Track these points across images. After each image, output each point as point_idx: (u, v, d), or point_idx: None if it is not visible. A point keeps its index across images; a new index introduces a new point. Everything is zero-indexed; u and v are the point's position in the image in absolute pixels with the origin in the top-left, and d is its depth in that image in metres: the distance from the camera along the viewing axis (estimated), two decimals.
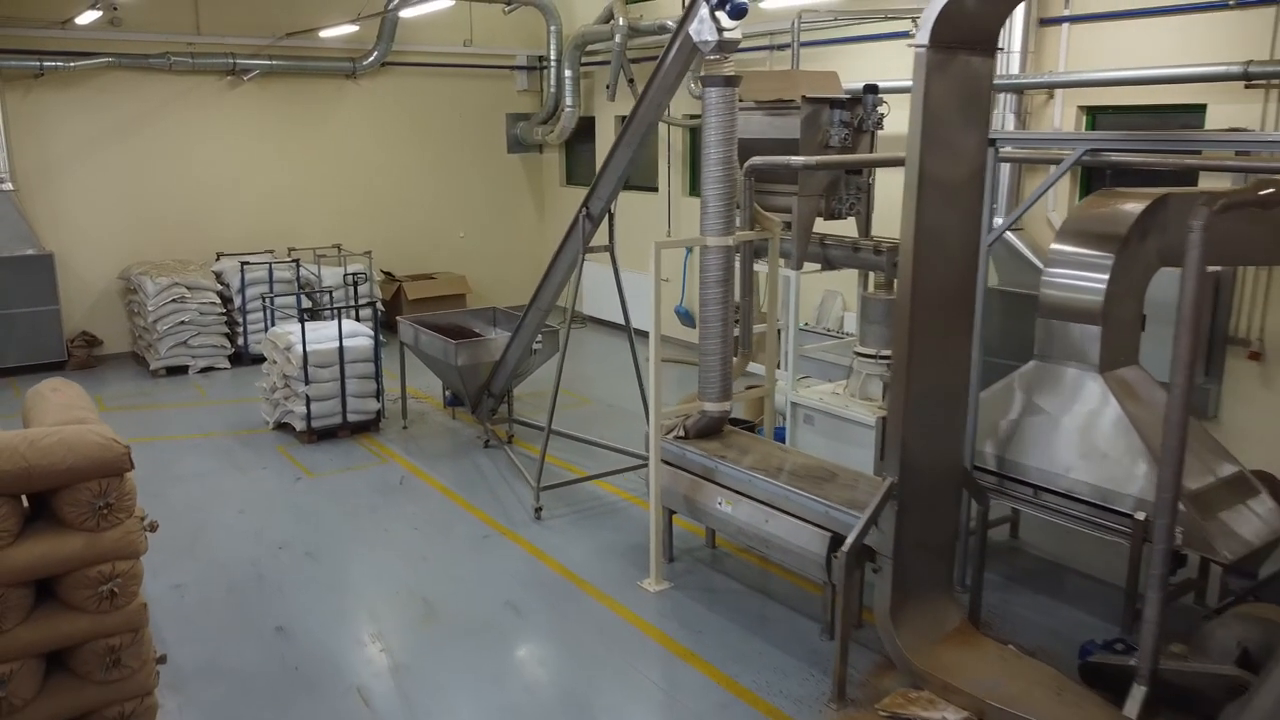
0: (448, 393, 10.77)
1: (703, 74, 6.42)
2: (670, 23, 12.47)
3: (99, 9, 11.62)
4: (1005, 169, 9.08)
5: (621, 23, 13.38)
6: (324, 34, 13.56)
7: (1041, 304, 6.37)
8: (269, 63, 13.90)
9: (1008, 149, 7.14)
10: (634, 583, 6.94)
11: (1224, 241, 6.05)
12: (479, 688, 5.72)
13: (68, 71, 12.63)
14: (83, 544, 4.63)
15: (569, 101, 15.11)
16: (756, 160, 6.95)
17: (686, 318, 13.55)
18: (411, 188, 15.70)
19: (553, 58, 15.34)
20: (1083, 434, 6.10)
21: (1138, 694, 4.67)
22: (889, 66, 10.00)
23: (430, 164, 15.81)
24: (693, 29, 6.41)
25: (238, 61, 13.68)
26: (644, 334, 6.99)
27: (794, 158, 6.68)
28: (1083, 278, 6.15)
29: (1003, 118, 9.17)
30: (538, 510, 8.10)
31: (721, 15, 6.22)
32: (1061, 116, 9.10)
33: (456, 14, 14.81)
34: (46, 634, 4.62)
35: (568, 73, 14.99)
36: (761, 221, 7.03)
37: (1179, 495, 4.55)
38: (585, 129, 15.45)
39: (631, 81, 13.62)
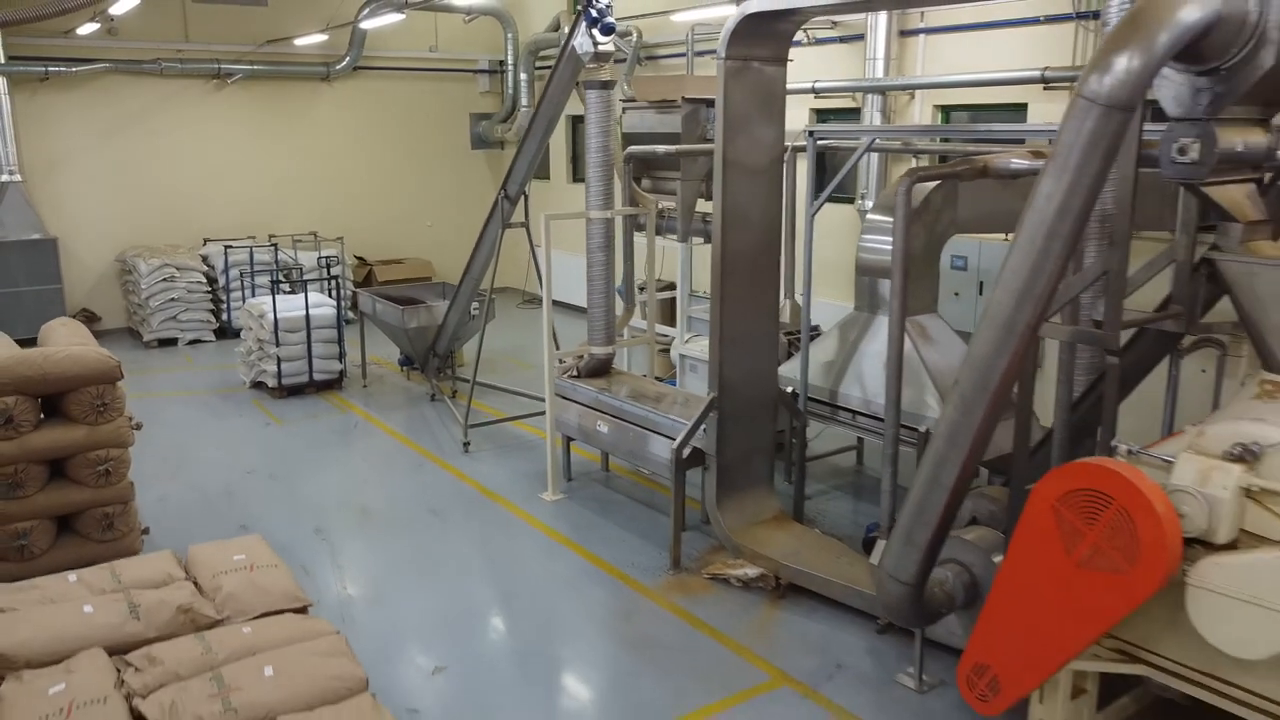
0: (402, 356, 12.30)
1: (583, 79, 7.96)
2: None
3: (98, 21, 13.17)
4: (875, 158, 10.61)
5: (567, 31, 14.88)
6: (299, 42, 15.09)
7: (857, 264, 7.89)
8: (250, 67, 15.44)
9: (821, 140, 8.57)
10: (536, 495, 8.48)
11: (987, 212, 7.65)
12: (397, 563, 7.26)
13: (70, 76, 14.17)
14: (85, 434, 6.17)
15: (524, 102, 16.64)
16: (634, 149, 8.49)
17: (623, 294, 15.05)
18: (383, 181, 17.23)
19: (510, 62, 16.91)
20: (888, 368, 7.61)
21: (879, 546, 6.18)
22: None
23: (400, 159, 17.34)
24: (577, 43, 7.98)
25: (222, 66, 15.21)
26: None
27: (659, 147, 8.20)
28: (886, 242, 7.65)
29: (871, 115, 10.70)
30: (465, 445, 9.64)
31: (596, 32, 7.78)
32: (920, 114, 10.64)
33: (422, 22, 16.36)
34: (57, 500, 6.16)
35: (523, 76, 16.53)
36: (639, 199, 8.57)
37: (900, 392, 6.06)
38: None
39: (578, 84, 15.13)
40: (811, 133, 7.74)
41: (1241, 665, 4.15)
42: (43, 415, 6.25)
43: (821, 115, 11.92)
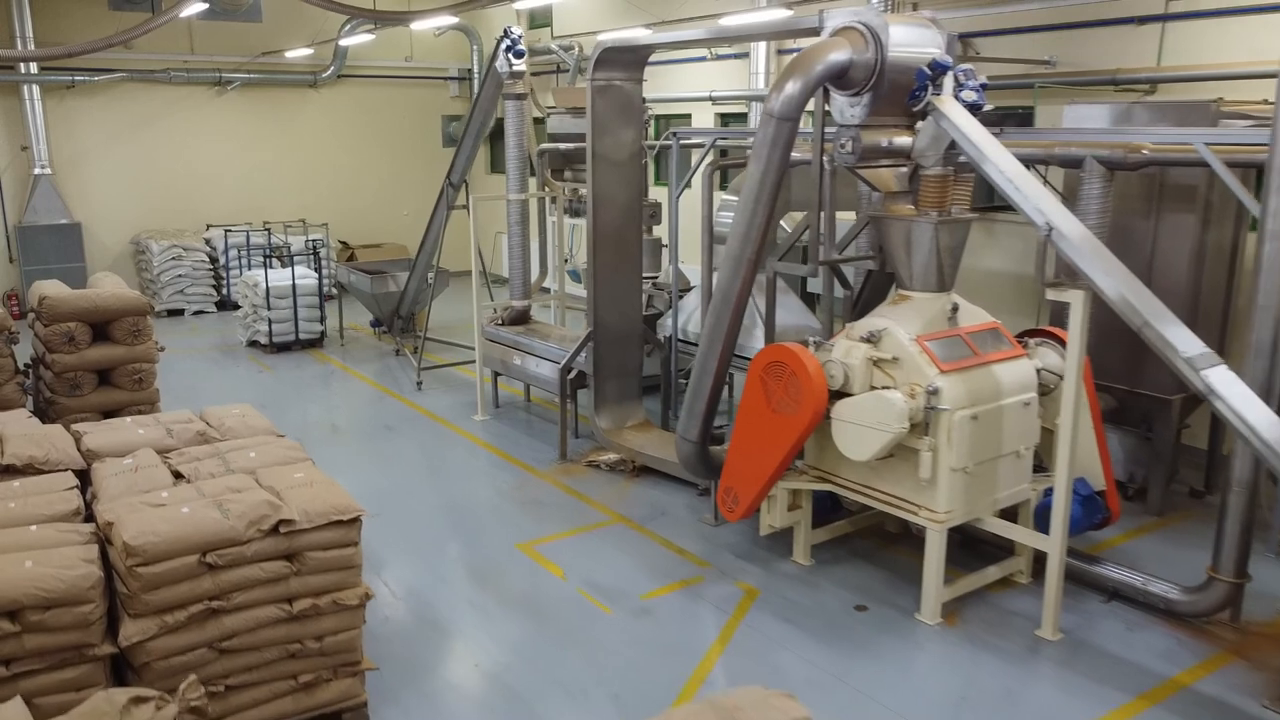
0: (373, 320, 14.65)
1: (503, 93, 10.31)
2: (554, 45, 16.42)
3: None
4: None
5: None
6: (290, 54, 17.45)
7: (716, 235, 10.21)
8: (247, 76, 17.80)
9: (685, 140, 10.86)
10: (469, 416, 10.83)
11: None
12: (357, 458, 9.62)
13: (92, 84, 16.54)
14: (124, 351, 8.49)
15: None
16: (544, 145, 10.85)
17: (574, 276, 17.39)
18: (364, 175, 19.59)
19: (476, 70, 19.25)
20: None
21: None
22: (691, 82, 13.93)
23: (379, 156, 19.71)
24: (498, 64, 10.34)
25: (222, 75, 17.59)
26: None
27: (563, 144, 10.56)
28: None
29: (755, 119, 13.03)
30: (419, 384, 12.00)
31: (511, 56, 10.15)
32: None
33: (398, 36, 18.71)
34: (105, 399, 8.47)
35: None
36: (549, 185, 10.92)
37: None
38: (502, 128, 19.28)
39: (532, 91, 17.46)
40: (675, 133, 10.10)
41: (874, 472, 6.50)
42: (93, 338, 8.56)
43: (723, 119, 14.26)
